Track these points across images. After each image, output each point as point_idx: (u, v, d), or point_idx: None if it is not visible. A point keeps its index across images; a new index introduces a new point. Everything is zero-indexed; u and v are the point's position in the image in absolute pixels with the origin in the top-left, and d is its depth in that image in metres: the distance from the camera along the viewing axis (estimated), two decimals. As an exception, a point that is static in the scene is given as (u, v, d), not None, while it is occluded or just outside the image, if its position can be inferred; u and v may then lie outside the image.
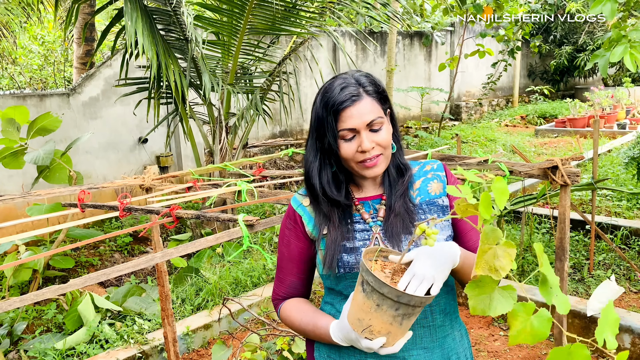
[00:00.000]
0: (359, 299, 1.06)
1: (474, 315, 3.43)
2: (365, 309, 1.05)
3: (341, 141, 1.24)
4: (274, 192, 2.12)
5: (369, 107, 1.24)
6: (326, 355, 1.32)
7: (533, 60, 14.84)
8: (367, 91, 1.26)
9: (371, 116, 1.23)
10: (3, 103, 5.08)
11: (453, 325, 1.33)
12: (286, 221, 1.36)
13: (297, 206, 1.35)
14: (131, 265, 1.16)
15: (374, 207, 1.31)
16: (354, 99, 1.23)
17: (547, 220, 4.63)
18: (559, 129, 10.12)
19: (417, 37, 11.12)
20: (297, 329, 1.31)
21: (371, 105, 1.25)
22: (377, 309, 1.03)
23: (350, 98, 1.22)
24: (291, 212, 1.36)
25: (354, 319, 1.08)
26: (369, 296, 1.04)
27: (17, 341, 3.44)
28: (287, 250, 1.35)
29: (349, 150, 1.24)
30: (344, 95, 1.23)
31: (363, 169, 1.26)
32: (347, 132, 1.23)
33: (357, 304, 1.07)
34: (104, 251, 5.07)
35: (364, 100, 1.24)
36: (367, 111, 1.23)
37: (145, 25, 3.90)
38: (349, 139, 1.24)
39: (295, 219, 1.34)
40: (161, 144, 6.37)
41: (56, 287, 1.04)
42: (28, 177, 5.14)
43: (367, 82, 1.27)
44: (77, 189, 2.03)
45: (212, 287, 3.79)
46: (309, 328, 1.28)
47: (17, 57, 9.99)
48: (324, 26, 5.10)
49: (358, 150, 1.23)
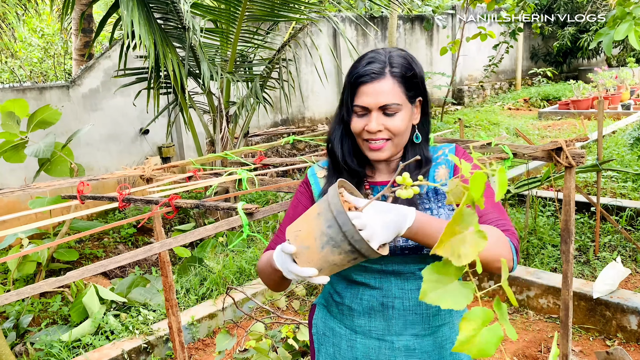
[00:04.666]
0: (309, 209, 1.03)
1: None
2: (309, 215, 1.02)
3: (354, 115, 1.22)
4: (274, 180, 2.10)
5: (389, 88, 1.18)
6: (322, 316, 1.37)
7: (535, 42, 14.69)
8: (393, 73, 1.19)
9: (387, 99, 1.18)
10: (3, 96, 5.06)
11: (452, 314, 1.28)
12: (300, 186, 1.37)
13: (311, 174, 1.35)
14: (130, 256, 1.14)
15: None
16: (373, 77, 1.17)
17: (551, 203, 4.60)
18: (562, 111, 10.03)
19: (418, 21, 11.01)
20: (261, 273, 1.25)
21: (392, 87, 1.18)
22: (317, 217, 0.99)
23: (370, 74, 1.17)
24: (305, 178, 1.36)
25: (295, 229, 1.04)
26: (318, 204, 1.01)
27: (23, 334, 3.45)
28: (293, 211, 1.33)
29: (357, 126, 1.21)
30: (366, 69, 1.18)
31: (367, 150, 1.23)
32: (360, 109, 1.20)
33: (306, 214, 1.04)
34: (107, 243, 5.08)
35: (384, 81, 1.18)
36: (384, 92, 1.18)
37: (141, 15, 3.85)
38: (360, 114, 1.21)
39: (307, 184, 1.35)
40: (163, 135, 6.35)
41: (53, 279, 1.02)
42: (30, 171, 5.13)
43: (398, 63, 1.20)
44: (76, 181, 2.01)
45: (216, 276, 3.79)
46: (265, 262, 1.22)
47: (17, 51, 9.94)
48: (324, 11, 5.04)
49: (365, 128, 1.20)
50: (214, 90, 5.00)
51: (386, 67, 1.19)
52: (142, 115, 6.05)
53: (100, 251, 4.86)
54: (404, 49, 1.29)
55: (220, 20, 4.61)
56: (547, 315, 3.26)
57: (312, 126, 8.52)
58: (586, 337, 3.01)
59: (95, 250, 4.84)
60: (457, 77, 11.75)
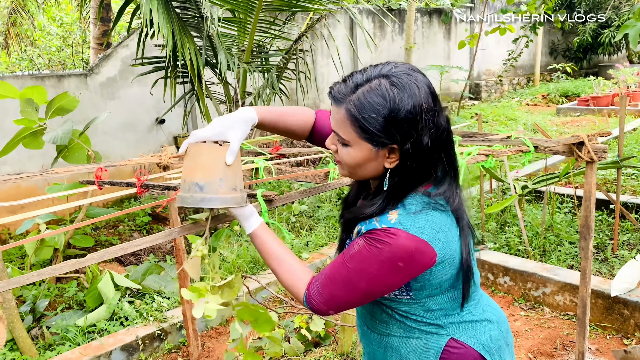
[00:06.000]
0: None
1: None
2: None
3: None
4: (292, 170, 2.09)
5: (340, 119, 1.05)
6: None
7: (555, 38, 14.47)
8: (348, 108, 1.03)
9: (337, 127, 1.07)
10: (22, 84, 5.11)
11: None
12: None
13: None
14: (150, 240, 1.14)
15: None
16: (334, 97, 1.06)
17: (569, 200, 4.54)
18: (581, 108, 9.88)
19: (436, 14, 10.89)
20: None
21: (343, 120, 1.05)
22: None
23: (333, 94, 1.06)
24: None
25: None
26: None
27: (39, 318, 3.50)
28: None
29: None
30: (334, 87, 1.07)
31: None
32: None
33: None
34: (122, 231, 5.12)
35: (340, 108, 1.05)
36: (337, 120, 1.06)
37: (160, 3, 3.85)
38: None
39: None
40: (178, 125, 6.37)
41: (73, 261, 1.03)
42: (48, 158, 5.18)
43: (360, 101, 1.01)
44: (94, 167, 2.02)
45: (230, 265, 3.80)
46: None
47: (36, 39, 10.03)
48: (342, 2, 5.00)
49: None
50: (230, 80, 5.00)
51: (348, 95, 1.04)
52: (159, 105, 6.08)
53: (116, 239, 4.90)
54: (412, 72, 1.04)
55: (238, 9, 4.60)
56: (563, 313, 3.22)
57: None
58: (603, 336, 2.97)
59: (110, 238, 4.88)
60: (474, 71, 11.63)
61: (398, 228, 1.03)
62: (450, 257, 1.09)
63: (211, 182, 1.09)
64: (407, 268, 1.04)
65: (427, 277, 1.08)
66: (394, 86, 1.00)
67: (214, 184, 1.09)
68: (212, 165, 1.09)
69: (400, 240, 1.02)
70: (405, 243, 1.02)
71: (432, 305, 1.14)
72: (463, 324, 1.17)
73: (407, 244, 1.02)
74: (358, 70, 1.07)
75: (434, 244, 1.04)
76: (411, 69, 1.05)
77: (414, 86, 1.01)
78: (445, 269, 1.09)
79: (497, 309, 1.28)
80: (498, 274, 3.55)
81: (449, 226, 1.08)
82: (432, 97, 1.04)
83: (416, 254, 1.02)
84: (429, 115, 1.02)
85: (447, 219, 1.08)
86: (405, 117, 1.00)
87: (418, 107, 1.00)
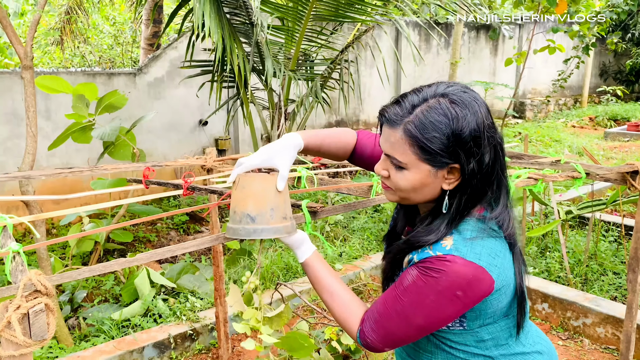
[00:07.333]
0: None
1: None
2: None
3: None
4: (334, 181, 2.08)
5: (396, 141, 1.02)
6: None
7: (607, 59, 14.06)
8: (407, 129, 1.00)
9: (392, 151, 1.03)
10: (74, 80, 5.29)
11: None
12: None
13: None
14: (196, 244, 1.16)
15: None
16: (388, 120, 1.03)
17: (615, 228, 4.37)
18: (631, 133, 9.55)
19: (484, 29, 10.75)
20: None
21: (400, 143, 1.01)
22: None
23: (387, 116, 1.03)
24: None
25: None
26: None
27: (77, 308, 3.59)
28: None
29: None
30: (387, 110, 1.04)
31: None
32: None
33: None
34: (160, 228, 5.21)
35: (396, 131, 1.02)
36: (392, 143, 1.03)
37: (212, 8, 3.93)
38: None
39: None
40: (220, 127, 6.47)
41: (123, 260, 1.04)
42: (94, 152, 5.35)
43: (420, 121, 0.98)
44: (141, 166, 2.06)
45: (263, 270, 3.81)
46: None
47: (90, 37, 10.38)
48: (389, 14, 4.99)
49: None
50: (275, 87, 5.05)
51: (405, 116, 1.01)
52: (203, 107, 6.19)
53: (153, 235, 5.00)
54: (469, 90, 1.03)
55: (287, 18, 4.65)
56: (603, 346, 3.09)
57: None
58: (646, 374, 2.84)
59: (148, 234, 4.98)
60: (520, 89, 11.41)
61: (454, 255, 0.99)
62: (506, 285, 1.05)
63: (263, 212, 1.09)
64: (465, 297, 1.00)
65: (483, 305, 1.05)
66: (455, 104, 0.99)
67: (265, 214, 1.09)
68: (264, 195, 1.09)
69: (457, 267, 0.98)
70: (462, 270, 0.98)
71: (485, 335, 1.09)
72: (513, 356, 1.12)
73: (464, 271, 0.98)
74: (410, 91, 1.05)
75: (491, 271, 1.00)
76: (466, 87, 1.04)
77: (474, 104, 1.00)
78: (501, 297, 1.05)
79: (547, 340, 1.23)
80: (536, 299, 3.44)
81: (503, 252, 1.04)
82: (490, 114, 1.04)
83: (474, 282, 0.99)
84: (491, 132, 1.01)
85: (502, 244, 1.05)
86: (470, 135, 0.98)
87: (481, 124, 1.00)
